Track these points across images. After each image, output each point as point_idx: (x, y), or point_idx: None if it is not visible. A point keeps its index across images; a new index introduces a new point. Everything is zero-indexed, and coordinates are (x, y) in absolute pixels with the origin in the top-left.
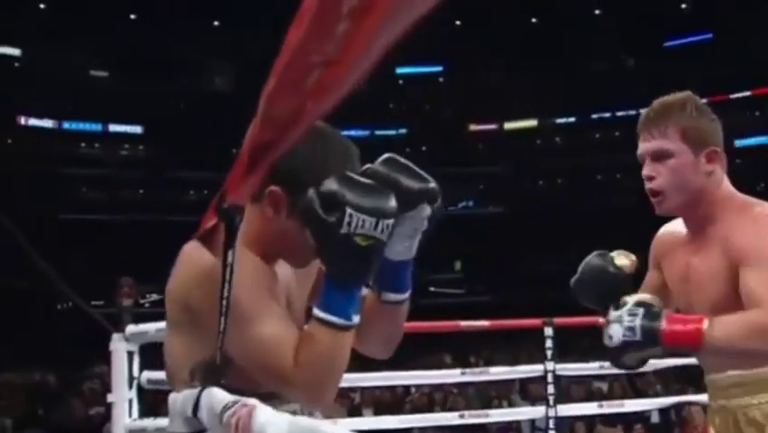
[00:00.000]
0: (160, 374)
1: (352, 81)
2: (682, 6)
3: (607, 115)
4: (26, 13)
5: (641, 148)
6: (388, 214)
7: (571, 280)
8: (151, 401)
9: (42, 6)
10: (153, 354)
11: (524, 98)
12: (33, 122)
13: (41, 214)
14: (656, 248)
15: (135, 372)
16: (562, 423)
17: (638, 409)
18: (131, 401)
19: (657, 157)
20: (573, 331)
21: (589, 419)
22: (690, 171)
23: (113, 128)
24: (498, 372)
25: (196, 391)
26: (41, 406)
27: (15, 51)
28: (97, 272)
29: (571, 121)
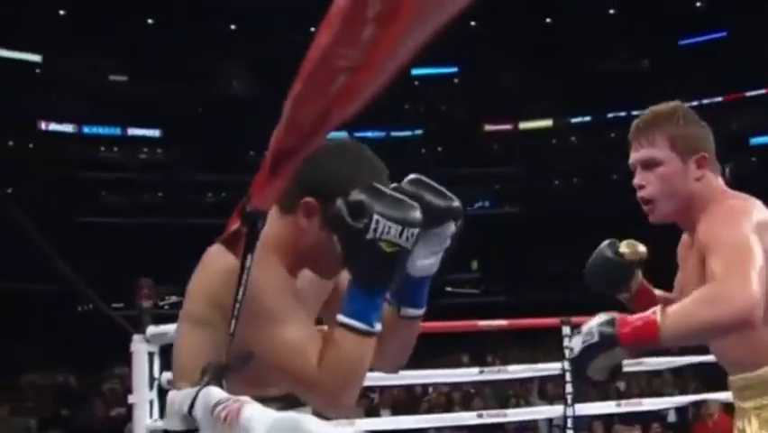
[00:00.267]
0: None
1: (376, 86)
2: (697, 5)
3: (622, 114)
4: (46, 20)
5: (631, 157)
6: (413, 223)
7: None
8: None
9: (62, 13)
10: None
11: (538, 98)
12: (54, 126)
13: (61, 217)
14: (679, 250)
15: (156, 372)
16: (580, 422)
17: (656, 408)
18: (151, 402)
19: (646, 165)
20: None
21: (607, 418)
22: (679, 178)
23: (131, 132)
24: (517, 370)
25: (194, 390)
26: (64, 407)
27: (36, 57)
28: (117, 275)
29: (586, 120)
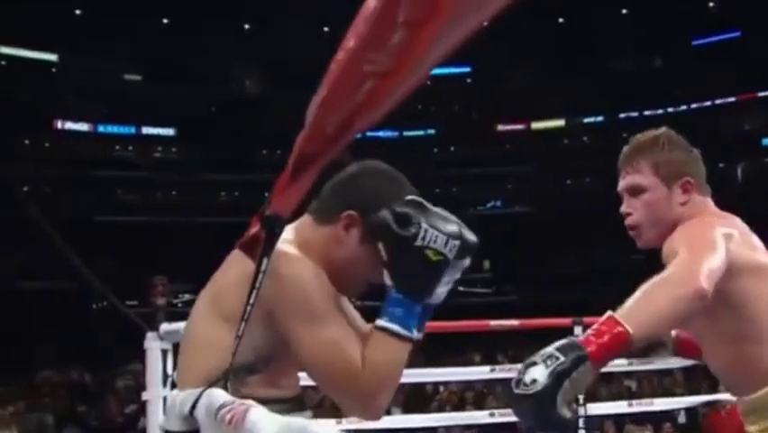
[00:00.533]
0: None
1: (403, 92)
2: (710, 5)
3: (634, 114)
4: (62, 20)
5: (619, 185)
6: (456, 235)
7: (598, 279)
8: None
9: (78, 13)
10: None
11: (551, 98)
12: (69, 125)
13: (76, 215)
14: None
15: (169, 370)
16: (591, 422)
17: (667, 408)
18: (165, 399)
19: (632, 192)
20: None
21: (618, 418)
22: (664, 204)
23: (146, 131)
24: None
25: (197, 392)
26: (80, 403)
27: (52, 57)
28: (131, 272)
29: (599, 120)
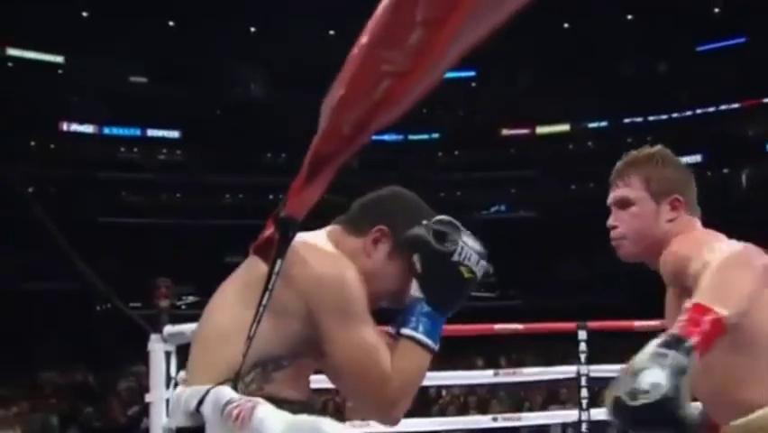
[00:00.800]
0: None
1: (420, 92)
2: (715, 11)
3: (639, 119)
4: (68, 22)
5: (609, 198)
6: (485, 256)
7: (601, 284)
8: None
9: (84, 15)
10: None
11: (556, 103)
12: (75, 127)
13: (81, 217)
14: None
15: (173, 372)
16: (595, 427)
17: None
18: (168, 401)
19: (620, 205)
20: (605, 335)
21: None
22: (650, 219)
23: (151, 133)
24: (532, 372)
25: (203, 389)
26: (84, 404)
27: (58, 59)
28: (135, 274)
29: (604, 125)
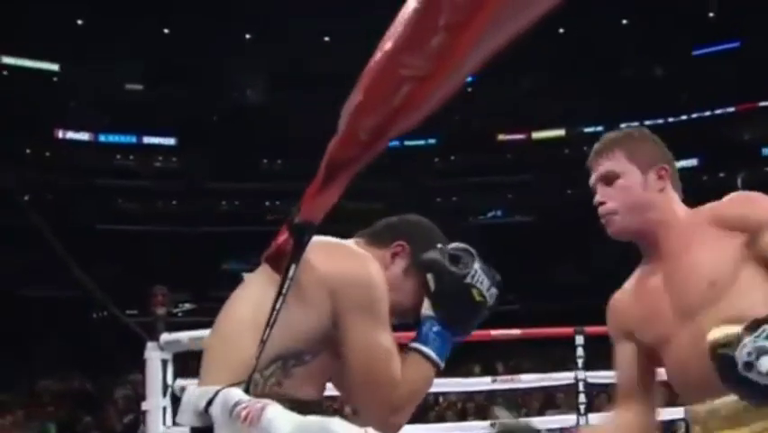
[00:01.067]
0: (193, 382)
1: (441, 97)
2: (709, 15)
3: (635, 123)
4: (63, 29)
5: (591, 179)
6: (498, 285)
7: (598, 288)
8: None
9: (79, 22)
10: (186, 362)
11: (552, 108)
12: (70, 135)
13: (77, 224)
14: (618, 316)
15: (169, 380)
16: None
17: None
18: (164, 409)
19: (606, 180)
20: (602, 339)
21: None
22: (639, 189)
23: (147, 140)
24: (530, 379)
25: (213, 389)
26: (82, 412)
27: (54, 66)
28: (132, 281)
29: (600, 130)
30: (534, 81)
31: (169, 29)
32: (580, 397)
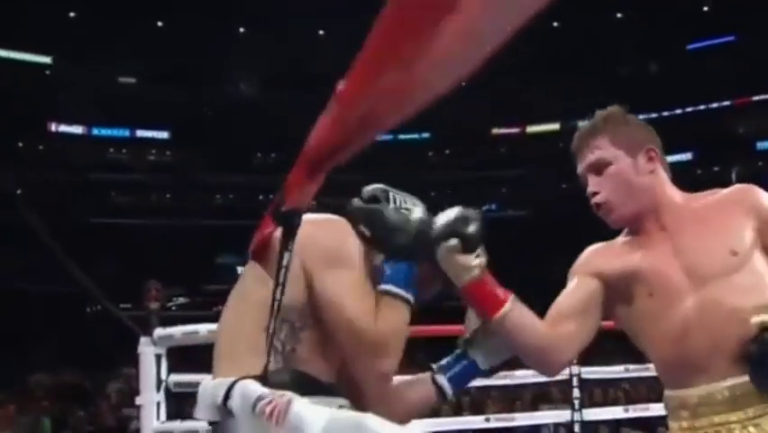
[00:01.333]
0: (187, 377)
1: (433, 89)
2: (704, 9)
3: None
4: (56, 22)
5: (579, 168)
6: (419, 201)
7: None
8: (179, 404)
9: (72, 15)
10: (180, 356)
11: (546, 102)
12: (63, 128)
13: (70, 218)
14: (595, 258)
15: (163, 374)
16: (587, 427)
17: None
18: (159, 404)
19: (596, 169)
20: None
21: (614, 422)
22: (631, 174)
23: (140, 134)
24: (524, 375)
25: (228, 381)
26: (76, 407)
27: (46, 59)
28: (125, 275)
29: None
30: (529, 75)
31: (162, 22)
32: (575, 391)
